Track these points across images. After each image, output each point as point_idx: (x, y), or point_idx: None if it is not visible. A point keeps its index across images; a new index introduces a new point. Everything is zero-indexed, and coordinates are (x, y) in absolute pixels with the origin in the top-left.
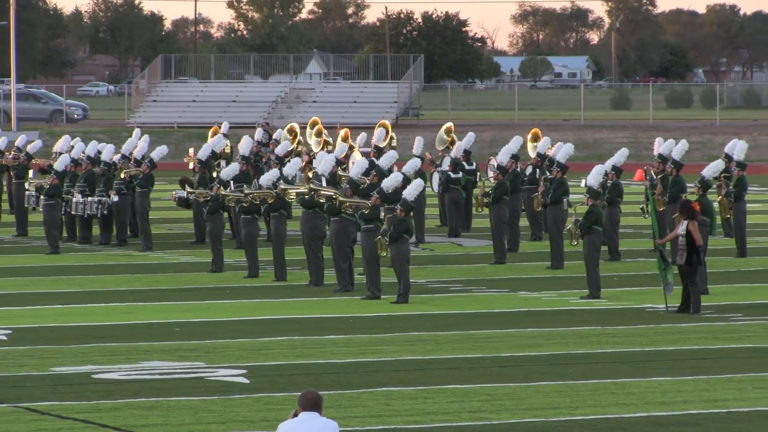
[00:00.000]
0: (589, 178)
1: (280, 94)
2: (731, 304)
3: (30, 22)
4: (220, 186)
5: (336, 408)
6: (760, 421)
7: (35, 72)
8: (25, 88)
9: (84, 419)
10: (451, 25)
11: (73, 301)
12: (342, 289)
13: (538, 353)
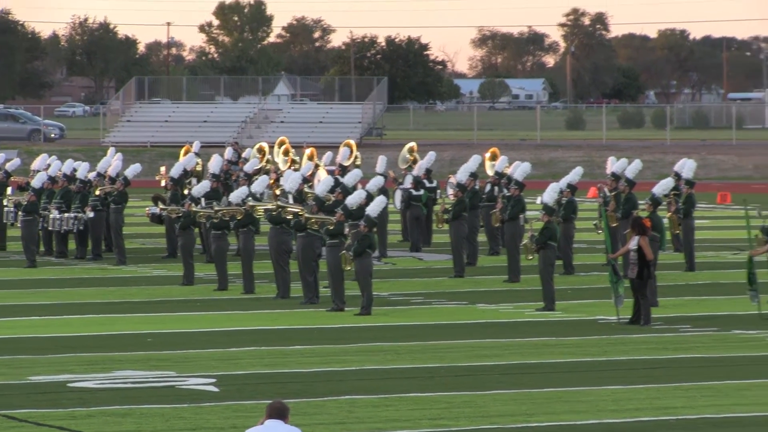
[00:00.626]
0: (544, 195)
1: (249, 114)
2: (680, 316)
3: (9, 45)
4: (192, 202)
5: (302, 415)
6: (708, 428)
7: (14, 93)
8: (4, 108)
9: (60, 426)
10: (413, 48)
11: (49, 312)
12: (308, 302)
13: (495, 363)
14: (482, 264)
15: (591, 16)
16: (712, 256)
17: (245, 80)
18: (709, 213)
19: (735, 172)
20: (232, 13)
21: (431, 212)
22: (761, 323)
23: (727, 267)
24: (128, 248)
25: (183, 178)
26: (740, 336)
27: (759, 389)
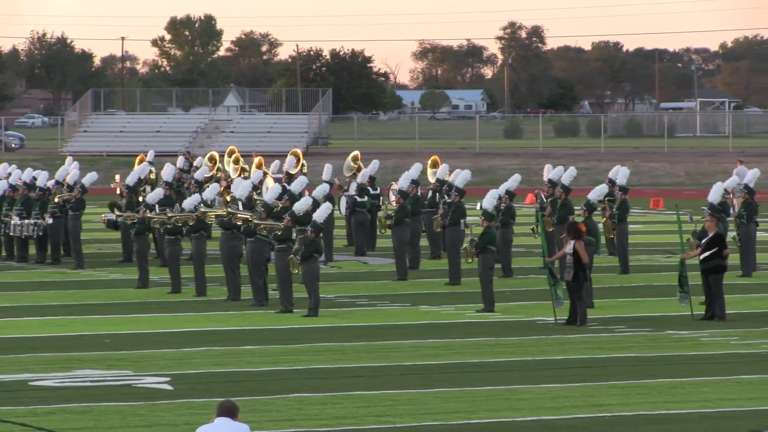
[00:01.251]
0: (484, 201)
1: (200, 125)
2: (615, 317)
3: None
4: (146, 209)
5: (252, 412)
6: (642, 424)
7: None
8: None
9: (22, 423)
10: (357, 61)
11: (10, 314)
12: (257, 304)
13: (437, 362)
14: (424, 267)
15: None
16: (646, 259)
17: (196, 92)
18: (643, 218)
19: (667, 178)
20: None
21: (375, 218)
22: (693, 324)
23: (660, 270)
24: (86, 253)
25: (138, 186)
26: (673, 336)
27: (690, 387)
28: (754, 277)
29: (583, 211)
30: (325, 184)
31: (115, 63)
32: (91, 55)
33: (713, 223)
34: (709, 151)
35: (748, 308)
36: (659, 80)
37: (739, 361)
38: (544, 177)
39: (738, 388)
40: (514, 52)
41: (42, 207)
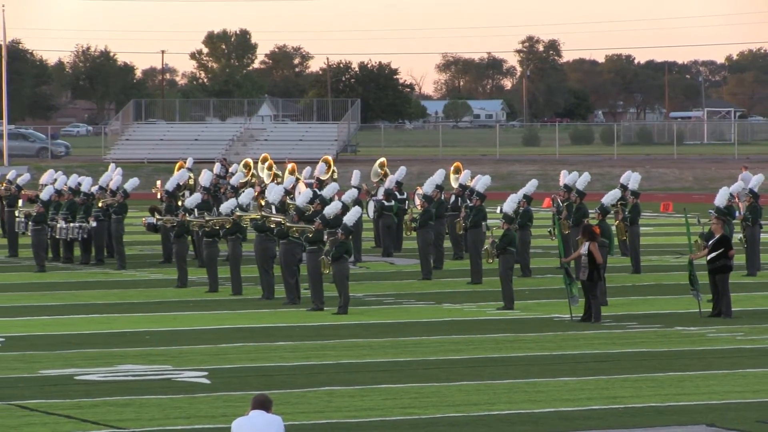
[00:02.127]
0: (504, 205)
1: (235, 133)
2: (627, 314)
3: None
4: (185, 213)
5: (285, 405)
6: (653, 415)
7: (24, 114)
8: (15, 128)
9: (67, 415)
10: (384, 73)
11: (57, 312)
12: (290, 302)
13: (460, 357)
14: (447, 267)
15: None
16: (656, 259)
17: (232, 102)
18: (653, 221)
19: (676, 183)
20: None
21: (401, 221)
22: (700, 321)
23: (670, 270)
24: (128, 254)
25: (177, 191)
26: (682, 332)
27: (698, 380)
28: (758, 277)
29: (597, 215)
30: (353, 189)
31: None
32: (132, 68)
33: (720, 225)
34: (716, 158)
35: (752, 306)
36: (669, 91)
37: (744, 356)
38: (560, 182)
39: (743, 381)
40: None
41: (86, 211)
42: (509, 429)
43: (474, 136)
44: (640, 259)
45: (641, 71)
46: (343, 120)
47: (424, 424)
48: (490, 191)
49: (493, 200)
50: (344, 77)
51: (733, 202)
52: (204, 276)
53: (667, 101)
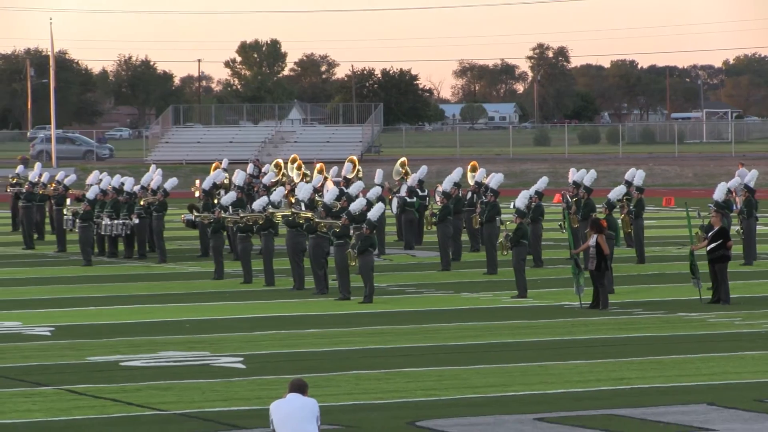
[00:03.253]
0: (517, 201)
1: (267, 136)
2: (633, 301)
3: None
4: (221, 210)
5: (315, 388)
6: (657, 395)
7: (71, 120)
8: (63, 133)
9: (113, 398)
10: (404, 78)
11: (103, 303)
12: (319, 292)
13: (477, 342)
14: (465, 259)
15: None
16: (659, 250)
17: (264, 107)
18: (656, 214)
19: (677, 179)
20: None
21: (422, 216)
22: (701, 307)
23: (672, 260)
24: (168, 249)
25: (213, 190)
26: (683, 318)
27: (700, 362)
28: (754, 266)
29: (604, 209)
30: (377, 186)
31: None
32: (171, 76)
33: (718, 218)
34: (714, 156)
35: (749, 293)
36: (670, 93)
37: (742, 340)
38: (569, 179)
39: (742, 363)
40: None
41: (129, 209)
42: (523, 409)
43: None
44: (644, 249)
45: (644, 75)
46: (367, 123)
47: (444, 405)
48: (504, 188)
49: (507, 196)
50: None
51: (731, 196)
52: (239, 269)
53: (669, 103)
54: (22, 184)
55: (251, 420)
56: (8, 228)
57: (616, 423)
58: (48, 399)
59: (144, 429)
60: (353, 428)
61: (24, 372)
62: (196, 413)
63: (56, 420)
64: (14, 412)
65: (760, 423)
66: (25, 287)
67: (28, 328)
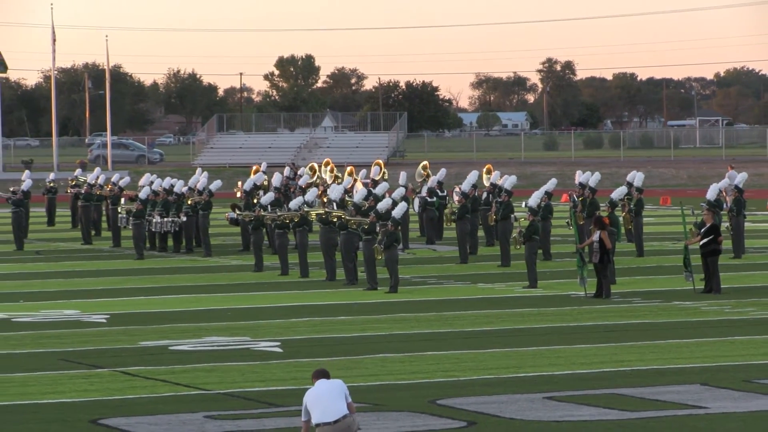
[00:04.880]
0: (530, 200)
1: (302, 142)
2: (633, 291)
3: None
4: (261, 209)
5: (344, 369)
6: (655, 376)
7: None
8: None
9: (163, 379)
10: (426, 90)
11: (154, 293)
12: (349, 283)
13: (492, 328)
14: (481, 253)
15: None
16: (657, 245)
17: (299, 116)
18: (654, 212)
19: (673, 181)
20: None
21: (442, 214)
22: (695, 296)
23: (669, 253)
24: (213, 244)
25: (254, 191)
26: (679, 306)
27: (693, 346)
28: (743, 259)
29: (607, 207)
30: (401, 187)
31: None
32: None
33: (710, 215)
34: (707, 159)
35: (738, 283)
36: (666, 103)
37: (732, 326)
38: (576, 181)
39: (732, 347)
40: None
41: (178, 208)
42: (534, 388)
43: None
44: (643, 244)
45: (643, 86)
46: (393, 130)
47: (462, 385)
48: (517, 189)
49: (519, 196)
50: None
51: (722, 196)
52: (277, 262)
53: (665, 112)
54: (81, 185)
55: (287, 399)
56: (68, 225)
57: (618, 401)
58: (104, 380)
59: (190, 407)
60: (380, 406)
61: (82, 355)
62: (237, 392)
63: (111, 399)
64: (74, 391)
65: (748, 401)
66: (83, 279)
67: (86, 316)
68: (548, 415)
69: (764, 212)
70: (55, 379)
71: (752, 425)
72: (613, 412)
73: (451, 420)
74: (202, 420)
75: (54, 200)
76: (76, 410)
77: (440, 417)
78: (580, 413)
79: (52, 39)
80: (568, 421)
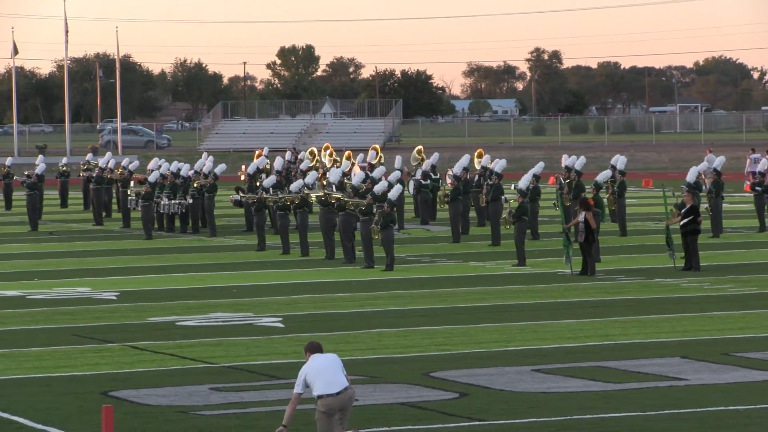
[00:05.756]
0: (519, 182)
1: (303, 127)
2: (616, 269)
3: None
4: (263, 191)
5: (343, 343)
6: (637, 350)
7: (134, 114)
8: (128, 125)
9: (170, 353)
10: (421, 78)
11: (161, 272)
12: (347, 262)
13: (483, 304)
14: (473, 233)
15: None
16: (639, 225)
17: (300, 103)
18: (636, 194)
19: (655, 164)
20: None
21: (436, 196)
22: (675, 273)
23: (650, 233)
24: (218, 225)
25: (256, 174)
26: (660, 283)
27: (674, 321)
28: (721, 238)
29: (592, 189)
30: (397, 171)
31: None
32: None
33: (690, 197)
34: (687, 143)
35: (717, 261)
36: (648, 90)
37: (710, 302)
38: (562, 164)
39: (710, 322)
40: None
41: (184, 190)
42: (523, 361)
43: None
44: (626, 224)
45: (626, 75)
46: (389, 116)
47: (454, 358)
48: (507, 172)
49: (509, 179)
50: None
51: (701, 178)
52: (278, 241)
53: (648, 98)
54: (93, 169)
55: (289, 371)
56: (80, 207)
57: (603, 373)
58: (114, 354)
59: (197, 379)
60: (376, 378)
61: (93, 331)
62: (241, 366)
63: (121, 372)
64: (85, 365)
65: (725, 373)
66: (94, 258)
67: (97, 293)
68: (536, 387)
69: (741, 194)
70: (67, 354)
71: (730, 395)
72: (597, 383)
73: (443, 391)
74: (207, 392)
75: (67, 183)
76: (88, 383)
77: (433, 389)
78: (566, 385)
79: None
80: (555, 392)
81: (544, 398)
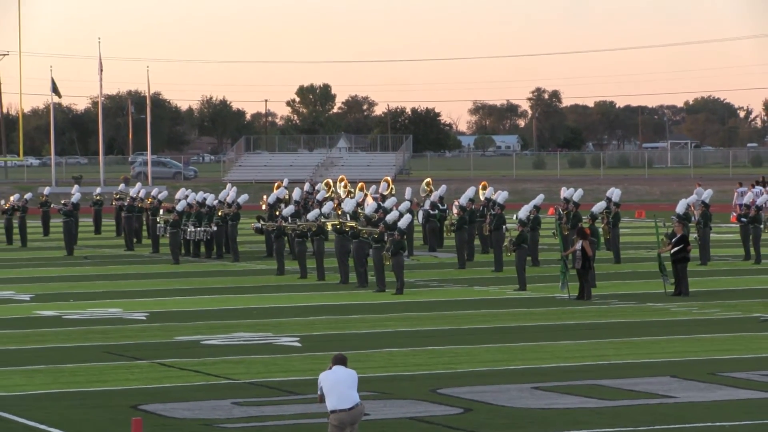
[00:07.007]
0: (520, 213)
1: (320, 161)
2: (611, 294)
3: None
4: (283, 220)
5: (356, 362)
6: (631, 369)
7: (163, 147)
8: (157, 158)
9: (196, 370)
10: (429, 115)
11: (188, 294)
12: (360, 286)
13: (487, 326)
14: (477, 259)
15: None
16: (633, 253)
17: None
18: (630, 224)
19: (647, 196)
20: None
21: (443, 225)
22: (666, 298)
23: (643, 261)
24: (240, 251)
25: (276, 204)
26: (652, 307)
27: (664, 343)
28: (709, 266)
29: (589, 219)
30: (407, 201)
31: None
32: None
33: (680, 227)
34: (677, 177)
35: (705, 287)
36: (641, 127)
37: (699, 325)
38: (561, 196)
39: (698, 344)
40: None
41: (209, 218)
42: (523, 379)
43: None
44: (620, 252)
45: (621, 113)
46: (399, 150)
47: (459, 376)
48: (509, 203)
49: (511, 209)
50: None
51: (690, 210)
52: (296, 266)
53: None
54: (124, 198)
55: (306, 387)
56: (113, 234)
57: (598, 391)
58: (143, 370)
59: (220, 394)
60: (387, 394)
61: (124, 349)
62: (261, 382)
63: (150, 387)
64: (116, 380)
65: (712, 392)
66: (125, 281)
67: (128, 314)
68: (535, 403)
69: (728, 224)
70: (100, 370)
71: (716, 413)
72: (593, 400)
73: (449, 407)
74: (230, 406)
75: (100, 211)
76: (119, 397)
77: (440, 404)
78: (563, 401)
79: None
80: (553, 408)
81: (543, 414)
